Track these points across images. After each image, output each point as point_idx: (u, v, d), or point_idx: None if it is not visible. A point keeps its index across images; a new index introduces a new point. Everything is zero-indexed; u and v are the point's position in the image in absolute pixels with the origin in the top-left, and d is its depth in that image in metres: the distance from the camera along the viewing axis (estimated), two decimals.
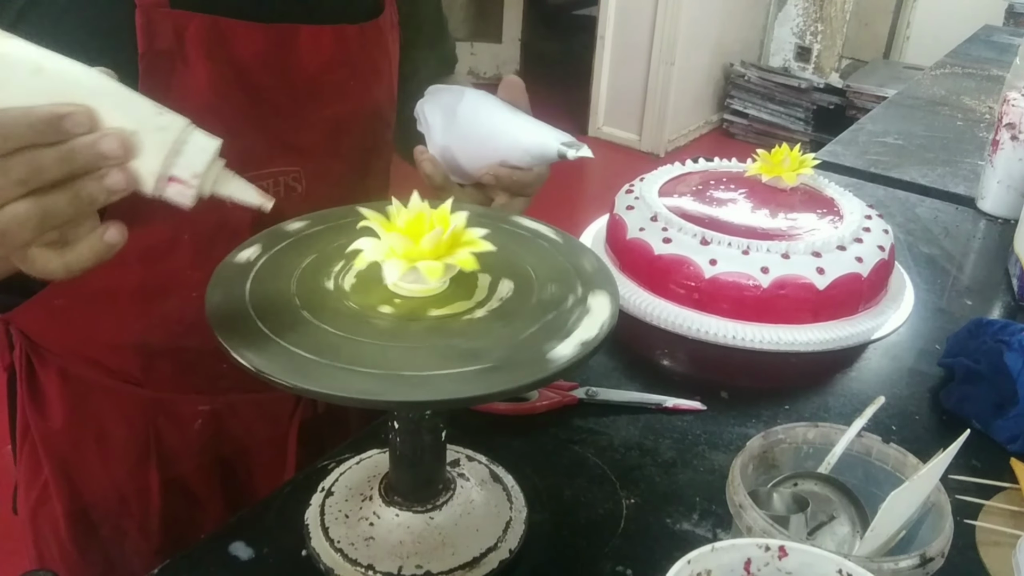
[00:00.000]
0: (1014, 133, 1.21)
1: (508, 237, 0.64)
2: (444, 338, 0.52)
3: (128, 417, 0.80)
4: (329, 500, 0.65)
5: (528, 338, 0.52)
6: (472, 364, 0.49)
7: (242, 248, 0.60)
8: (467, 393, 0.48)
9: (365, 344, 0.51)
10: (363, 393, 0.47)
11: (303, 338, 0.51)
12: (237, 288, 0.55)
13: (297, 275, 0.58)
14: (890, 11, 4.31)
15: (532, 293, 0.57)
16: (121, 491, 0.82)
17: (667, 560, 0.45)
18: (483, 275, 0.59)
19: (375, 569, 0.59)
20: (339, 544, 0.61)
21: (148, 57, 0.64)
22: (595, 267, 0.61)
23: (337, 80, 0.75)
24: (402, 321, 0.54)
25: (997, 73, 2.01)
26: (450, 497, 0.64)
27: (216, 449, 0.83)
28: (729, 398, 0.83)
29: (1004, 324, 0.85)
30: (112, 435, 0.81)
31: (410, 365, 0.49)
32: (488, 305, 0.56)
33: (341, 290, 0.57)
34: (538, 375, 0.49)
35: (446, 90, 0.79)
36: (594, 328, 0.53)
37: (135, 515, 0.83)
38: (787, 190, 1.03)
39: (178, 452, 0.82)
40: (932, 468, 0.55)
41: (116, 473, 0.82)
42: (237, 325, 0.52)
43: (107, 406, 0.80)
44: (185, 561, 0.63)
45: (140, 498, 0.82)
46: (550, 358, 0.50)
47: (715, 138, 4.31)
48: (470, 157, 0.75)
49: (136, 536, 0.83)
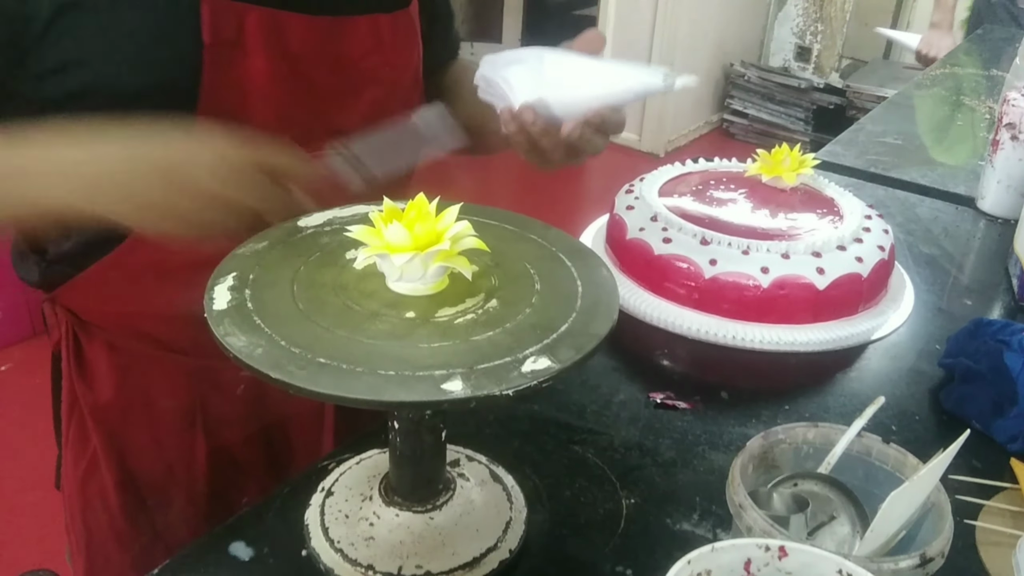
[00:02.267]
0: (1014, 133, 1.21)
1: (507, 237, 0.64)
2: (444, 338, 0.52)
3: (174, 386, 0.83)
4: (329, 500, 0.65)
5: (490, 352, 0.51)
6: (417, 369, 0.49)
7: (248, 243, 0.61)
8: (466, 393, 0.48)
9: (365, 344, 0.51)
10: (363, 393, 0.47)
11: (302, 336, 0.51)
12: (239, 282, 0.56)
13: (299, 272, 0.58)
14: (890, 11, 4.31)
15: (522, 311, 0.56)
16: (168, 459, 0.85)
17: (667, 560, 0.45)
18: (482, 275, 0.59)
19: (375, 569, 0.59)
20: (339, 544, 0.61)
21: (213, 48, 0.67)
22: (603, 293, 0.60)
23: (373, 66, 0.78)
24: (402, 321, 0.54)
25: (997, 73, 2.01)
26: (450, 497, 0.64)
27: (258, 417, 0.86)
28: (729, 398, 0.83)
29: (1004, 324, 0.85)
30: (159, 404, 0.84)
31: (410, 365, 0.49)
32: (471, 315, 0.55)
33: (342, 289, 0.57)
34: (479, 391, 0.48)
35: (509, 52, 0.79)
36: (570, 351, 0.52)
37: (182, 483, 0.86)
38: (787, 190, 1.03)
39: (222, 420, 0.85)
40: (932, 468, 0.55)
41: (164, 442, 0.85)
42: (236, 321, 0.52)
43: (154, 376, 0.83)
44: (185, 561, 0.63)
45: (187, 466, 0.85)
46: (503, 376, 0.49)
47: (715, 138, 4.31)
48: (566, 105, 0.74)
49: (183, 503, 0.86)
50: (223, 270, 0.57)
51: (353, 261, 0.59)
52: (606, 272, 0.61)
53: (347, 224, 0.59)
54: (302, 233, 0.63)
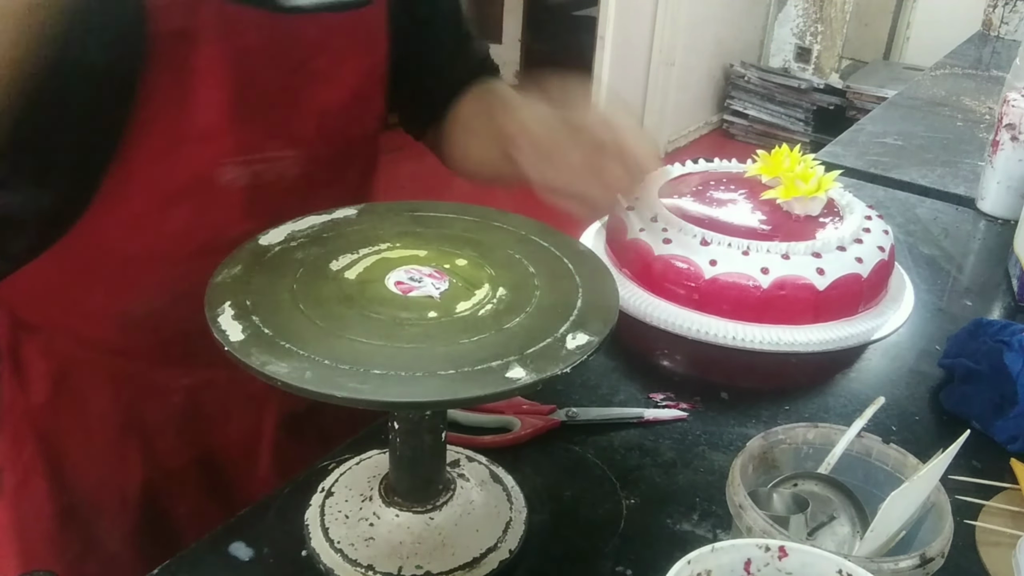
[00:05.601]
0: (1014, 134, 1.21)
1: (473, 228, 0.65)
2: (479, 331, 0.53)
3: (110, 391, 0.81)
4: (329, 500, 0.65)
5: (530, 336, 0.53)
6: (473, 364, 0.49)
7: (222, 269, 0.58)
8: (467, 393, 0.48)
9: (408, 349, 0.51)
10: (438, 395, 0.47)
11: (342, 352, 0.50)
12: (240, 310, 0.54)
13: (295, 291, 0.57)
14: (890, 11, 4.31)
15: (532, 293, 0.57)
16: (103, 467, 0.83)
17: (667, 560, 0.45)
18: (476, 267, 0.59)
19: (375, 569, 0.59)
20: (339, 544, 0.61)
21: (160, 37, 0.65)
22: (592, 265, 0.62)
23: (326, 67, 0.76)
24: (429, 322, 0.54)
25: (997, 73, 2.01)
26: (450, 497, 0.64)
27: (195, 427, 0.83)
28: (729, 398, 0.83)
29: (1004, 324, 0.85)
30: (94, 410, 0.81)
31: (410, 365, 0.49)
32: (489, 305, 0.56)
33: (349, 300, 0.56)
34: (543, 373, 0.49)
35: None
36: (598, 323, 0.54)
37: (116, 491, 0.83)
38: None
39: (159, 428, 0.82)
40: (932, 468, 0.55)
41: (99, 448, 0.82)
42: (265, 349, 0.50)
43: (89, 380, 0.80)
44: (185, 561, 0.63)
45: (121, 474, 0.83)
46: (554, 356, 0.51)
47: (715, 139, 4.31)
48: None
49: (117, 512, 0.84)
50: (214, 301, 0.54)
51: (342, 271, 0.58)
52: (582, 246, 0.64)
53: (308, 237, 0.60)
54: (271, 252, 0.61)
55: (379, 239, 0.63)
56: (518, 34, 4.64)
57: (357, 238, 0.63)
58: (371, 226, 0.65)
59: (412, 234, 0.64)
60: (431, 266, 0.60)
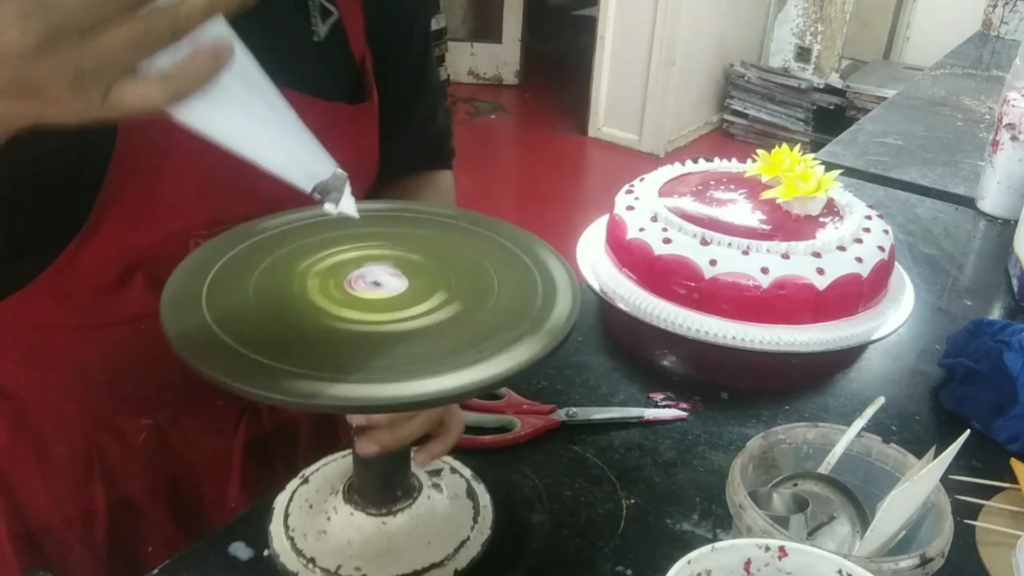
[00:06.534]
0: (1014, 133, 1.21)
1: (465, 236, 0.63)
2: (405, 341, 0.51)
3: (69, 433, 0.79)
4: (303, 488, 0.65)
5: (490, 336, 0.51)
6: (436, 365, 0.48)
7: (204, 248, 0.57)
8: (432, 395, 0.46)
9: (326, 349, 0.49)
10: (333, 399, 0.46)
11: (263, 344, 0.49)
12: (193, 292, 0.52)
13: (255, 278, 0.55)
14: (890, 11, 4.31)
15: (492, 295, 0.55)
16: (66, 509, 0.80)
17: (667, 560, 0.45)
18: (442, 278, 0.57)
19: (315, 563, 0.59)
20: (292, 532, 0.61)
21: (131, 131, 0.62)
22: (556, 262, 0.60)
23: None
24: (363, 325, 0.52)
25: (997, 73, 2.01)
26: (409, 505, 0.63)
27: (161, 464, 0.81)
28: (729, 398, 0.83)
29: (1004, 324, 0.85)
30: (54, 452, 0.79)
31: (373, 368, 0.48)
32: (447, 308, 0.54)
33: (302, 294, 0.54)
34: (504, 368, 0.48)
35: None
36: (559, 320, 0.52)
37: (80, 533, 0.81)
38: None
39: (123, 468, 0.80)
40: (932, 468, 0.55)
41: (60, 490, 0.80)
42: (195, 334, 0.49)
43: (47, 423, 0.79)
44: (185, 561, 0.63)
45: (86, 516, 0.81)
46: (511, 354, 0.49)
47: (715, 138, 4.31)
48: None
49: (82, 553, 0.82)
50: (181, 272, 0.54)
51: (295, 287, 0.55)
52: (514, 228, 0.63)
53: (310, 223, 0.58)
54: (263, 234, 0.60)
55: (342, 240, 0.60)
56: (518, 34, 4.64)
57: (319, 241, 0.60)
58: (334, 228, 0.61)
59: (381, 235, 0.62)
60: (391, 265, 0.58)
